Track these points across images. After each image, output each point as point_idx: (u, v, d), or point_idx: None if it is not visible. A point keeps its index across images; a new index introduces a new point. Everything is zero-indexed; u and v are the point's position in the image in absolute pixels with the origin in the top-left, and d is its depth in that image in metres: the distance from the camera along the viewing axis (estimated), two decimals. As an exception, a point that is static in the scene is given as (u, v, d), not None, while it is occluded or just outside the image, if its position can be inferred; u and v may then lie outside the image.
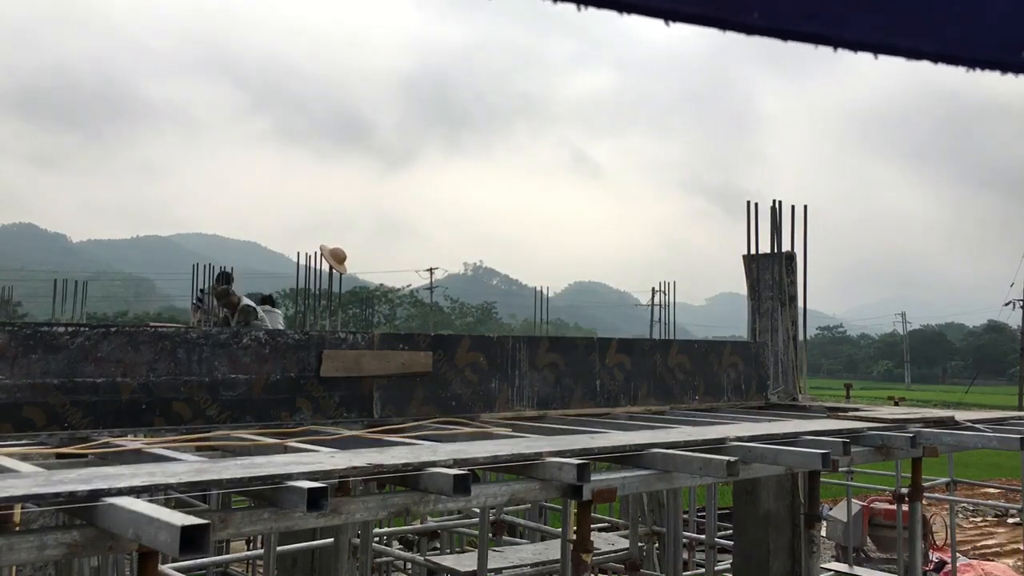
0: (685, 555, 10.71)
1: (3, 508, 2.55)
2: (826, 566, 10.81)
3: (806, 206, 8.26)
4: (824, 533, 13.72)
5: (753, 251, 8.26)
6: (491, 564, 7.49)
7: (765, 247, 8.23)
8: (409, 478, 3.34)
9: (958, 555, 12.40)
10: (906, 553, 8.02)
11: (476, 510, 7.33)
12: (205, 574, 9.25)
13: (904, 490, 8.17)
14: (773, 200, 8.23)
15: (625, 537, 9.79)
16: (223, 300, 11.05)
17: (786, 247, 8.19)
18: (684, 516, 9.74)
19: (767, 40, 0.68)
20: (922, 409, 9.44)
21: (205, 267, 14.84)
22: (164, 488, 2.78)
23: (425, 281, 70.49)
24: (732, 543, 8.71)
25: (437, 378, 5.52)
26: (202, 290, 13.58)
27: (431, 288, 72.37)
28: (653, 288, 34.38)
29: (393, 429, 4.95)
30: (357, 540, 6.99)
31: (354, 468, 3.19)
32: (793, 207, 8.20)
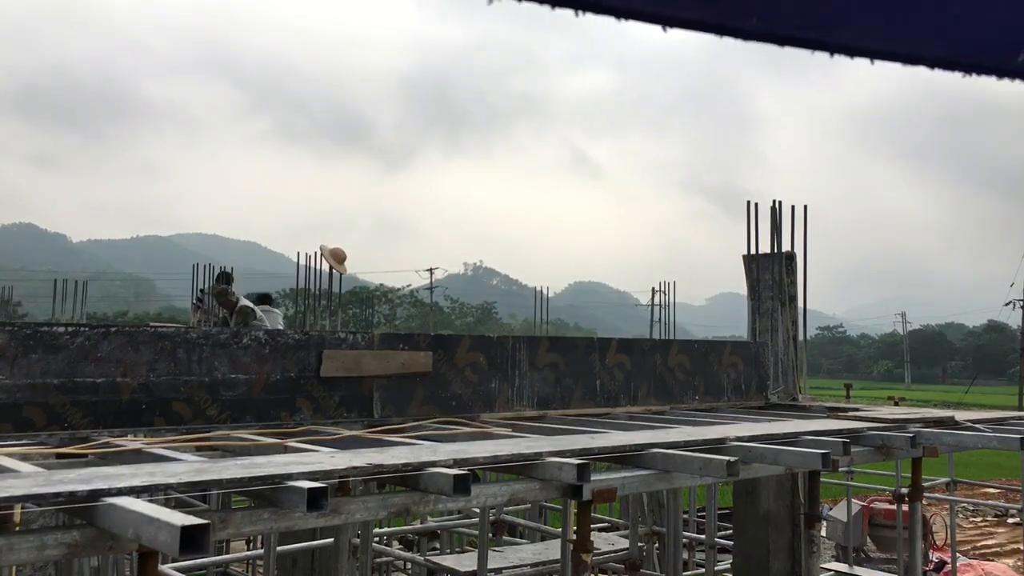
0: (685, 555, 10.71)
1: (3, 508, 2.55)
2: (826, 566, 10.81)
3: (806, 206, 8.26)
4: (824, 533, 13.72)
5: (753, 251, 8.26)
6: (491, 564, 7.49)
7: (765, 247, 8.23)
8: (409, 478, 3.35)
9: (958, 555, 12.40)
10: (906, 553, 8.02)
11: (476, 510, 7.33)
12: (205, 574, 9.25)
13: (904, 490, 8.17)
14: (773, 200, 8.24)
15: (625, 537, 9.78)
16: (221, 300, 11.02)
17: (786, 247, 8.19)
18: (684, 516, 9.74)
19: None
20: (922, 409, 9.44)
21: (205, 267, 14.83)
22: (164, 488, 2.78)
23: (425, 281, 70.56)
24: (732, 543, 8.71)
25: (437, 378, 5.52)
26: (202, 290, 13.56)
27: (431, 288, 72.38)
28: (653, 288, 34.42)
29: (393, 429, 4.95)
30: (357, 540, 6.99)
31: (354, 468, 3.19)
32: (793, 207, 8.21)
